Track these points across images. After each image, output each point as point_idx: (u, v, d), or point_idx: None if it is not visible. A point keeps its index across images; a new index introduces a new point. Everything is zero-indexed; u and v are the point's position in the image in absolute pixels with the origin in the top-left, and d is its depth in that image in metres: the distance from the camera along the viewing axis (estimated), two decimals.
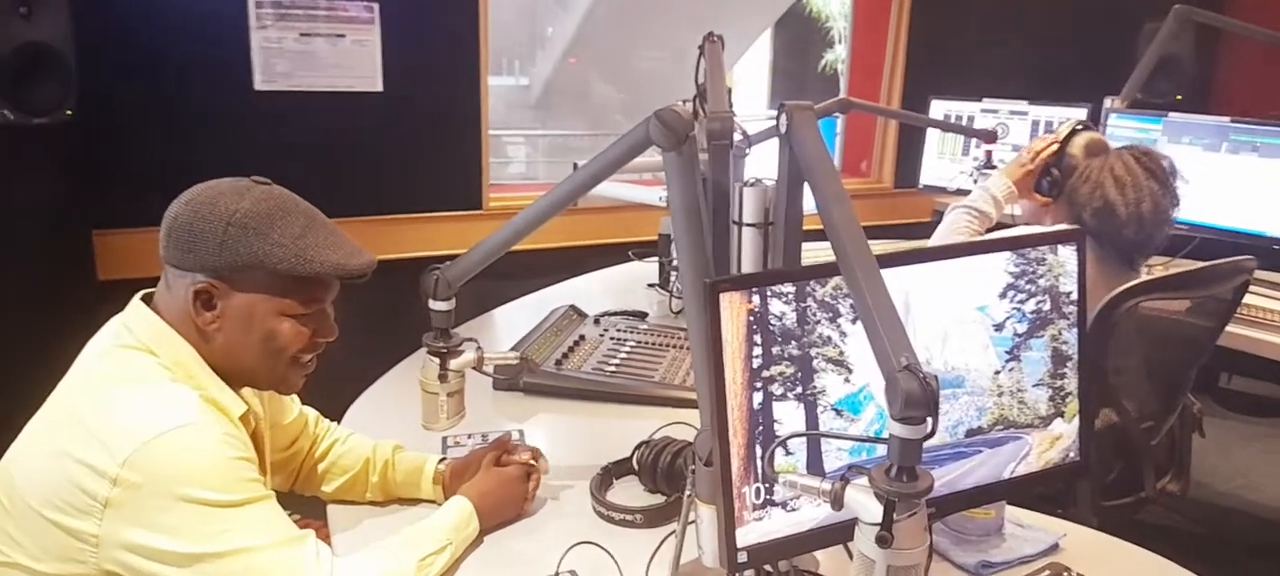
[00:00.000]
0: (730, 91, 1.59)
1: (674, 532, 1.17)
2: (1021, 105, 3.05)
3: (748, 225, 1.11)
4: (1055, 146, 2.08)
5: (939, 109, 3.25)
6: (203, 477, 1.01)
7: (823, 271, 1.05)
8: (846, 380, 1.08)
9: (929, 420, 0.79)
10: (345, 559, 1.12)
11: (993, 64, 3.63)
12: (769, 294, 1.03)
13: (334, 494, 1.42)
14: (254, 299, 1.12)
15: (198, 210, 1.10)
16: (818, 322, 1.06)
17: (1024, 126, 3.03)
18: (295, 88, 2.75)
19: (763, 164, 1.14)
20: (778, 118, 1.05)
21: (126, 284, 1.20)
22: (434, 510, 1.30)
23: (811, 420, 1.06)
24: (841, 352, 1.07)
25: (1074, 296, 1.23)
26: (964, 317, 1.17)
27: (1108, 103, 2.90)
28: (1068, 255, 1.22)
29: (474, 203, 3.08)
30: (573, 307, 2.18)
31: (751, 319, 1.02)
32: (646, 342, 2.01)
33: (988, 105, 3.12)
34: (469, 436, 1.58)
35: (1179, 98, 3.28)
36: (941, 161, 3.22)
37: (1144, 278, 1.87)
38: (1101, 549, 1.34)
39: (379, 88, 2.86)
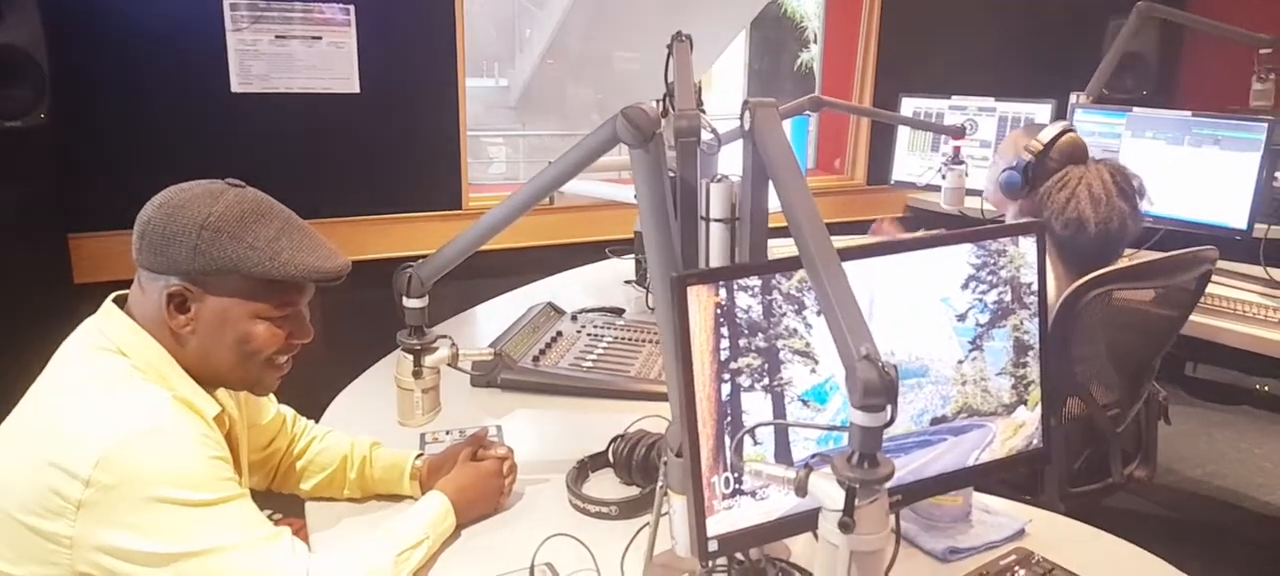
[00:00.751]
0: (699, 90, 1.62)
1: (648, 524, 1.19)
2: (989, 102, 3.11)
3: (715, 221, 1.13)
4: None
5: (909, 106, 3.30)
6: (176, 477, 1.02)
7: (788, 265, 1.07)
8: (813, 371, 1.11)
9: (888, 408, 0.82)
10: (321, 555, 1.13)
11: (961, 61, 3.68)
12: (735, 287, 1.05)
13: (312, 491, 1.43)
14: (228, 302, 1.13)
15: (171, 214, 1.11)
16: (784, 315, 1.08)
17: (991, 122, 3.08)
18: (272, 89, 2.75)
19: (735, 161, 1.16)
20: (742, 116, 1.08)
21: (102, 287, 1.20)
22: (411, 505, 1.31)
23: (779, 410, 1.09)
24: (807, 344, 1.10)
25: (1034, 287, 1.26)
26: (927, 309, 1.20)
27: (1073, 99, 2.95)
28: (1027, 247, 1.25)
29: (454, 203, 3.09)
30: (550, 305, 2.20)
31: (719, 312, 1.04)
32: (623, 338, 2.03)
33: (956, 102, 3.18)
34: (447, 432, 1.60)
35: (1144, 93, 3.35)
36: (912, 157, 3.26)
37: (1108, 269, 1.91)
38: (1067, 533, 1.38)
39: (356, 89, 2.86)
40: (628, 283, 2.57)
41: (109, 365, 1.10)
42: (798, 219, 0.93)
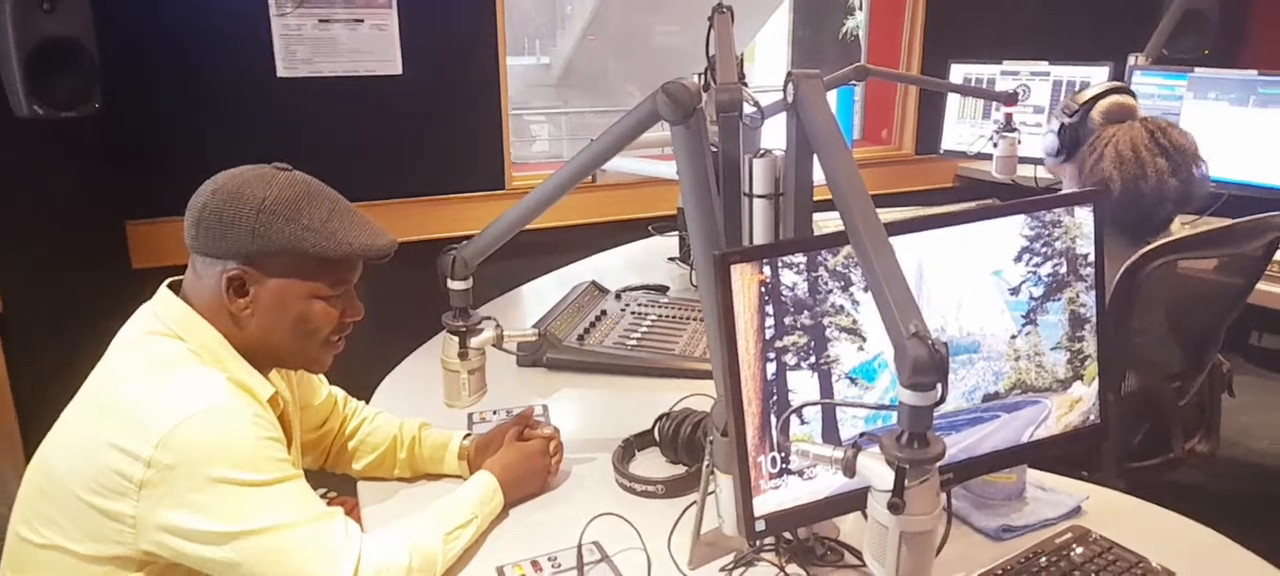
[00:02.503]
0: (741, 62, 1.60)
1: (695, 503, 1.19)
2: (1042, 66, 3.01)
3: (758, 197, 1.11)
4: None
5: (959, 72, 3.21)
6: (233, 458, 1.04)
7: (833, 241, 1.05)
8: (860, 348, 1.09)
9: (939, 386, 0.80)
10: (373, 533, 1.15)
11: (1012, 25, 3.57)
12: (780, 265, 1.04)
13: (364, 471, 1.45)
14: (286, 283, 1.15)
15: (226, 199, 1.12)
16: (830, 292, 1.06)
17: (1045, 87, 2.99)
18: (316, 73, 2.77)
19: (778, 135, 1.14)
20: (785, 88, 1.06)
21: (159, 272, 1.23)
22: (459, 485, 1.33)
23: (826, 389, 1.07)
24: (854, 321, 1.08)
25: (1091, 258, 1.22)
26: (979, 283, 1.17)
27: (1131, 60, 2.85)
28: (1084, 217, 1.21)
29: (496, 182, 3.10)
30: (594, 283, 2.19)
31: (763, 290, 1.03)
32: (667, 316, 2.02)
33: (1008, 67, 3.08)
34: (494, 412, 1.61)
35: (1206, 52, 3.22)
36: (962, 125, 3.18)
37: (1168, 238, 1.85)
38: (1125, 510, 1.34)
39: (398, 71, 2.87)
40: (671, 260, 2.55)
41: (166, 349, 1.12)
42: (843, 193, 0.91)
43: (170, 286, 1.19)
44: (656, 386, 1.72)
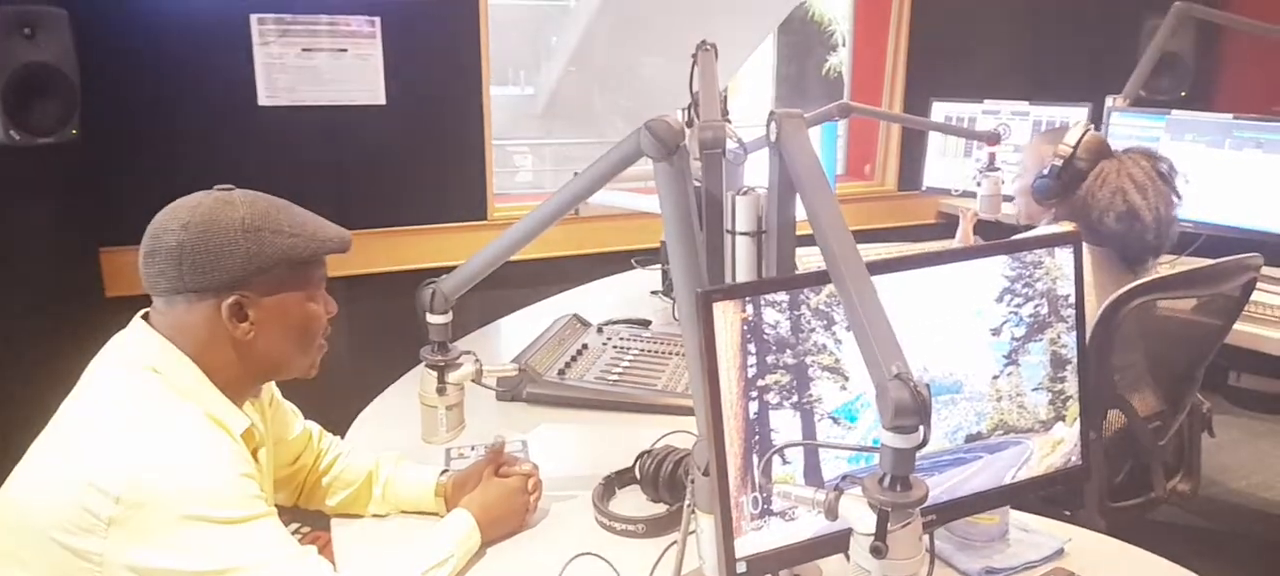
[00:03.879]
0: (725, 98, 1.60)
1: (675, 543, 1.17)
2: (1022, 106, 3.04)
3: (741, 234, 1.11)
4: None
5: (940, 110, 3.24)
6: (205, 496, 1.02)
7: (816, 280, 1.05)
8: (843, 387, 1.08)
9: (921, 429, 0.79)
10: (346, 573, 1.12)
11: (993, 65, 3.62)
12: (762, 303, 1.03)
13: (337, 508, 1.43)
14: (284, 295, 1.16)
15: (204, 230, 1.11)
16: (812, 330, 1.06)
17: (1026, 126, 3.02)
18: (299, 103, 2.76)
19: (761, 171, 1.14)
20: (767, 126, 1.06)
21: (133, 301, 1.21)
22: (437, 523, 1.30)
23: (808, 429, 1.06)
24: (837, 360, 1.07)
25: (1072, 299, 1.23)
26: (960, 323, 1.16)
27: (1109, 101, 2.89)
28: (1064, 258, 1.21)
29: (479, 213, 3.09)
30: (576, 317, 2.18)
31: (745, 328, 1.02)
32: (649, 350, 2.01)
33: (989, 106, 3.11)
34: (472, 448, 1.58)
35: (1183, 94, 3.27)
36: (944, 162, 3.21)
37: (1148, 278, 1.86)
38: (1107, 553, 1.34)
39: (382, 100, 2.87)
40: (654, 293, 2.54)
41: (141, 383, 1.10)
42: (825, 233, 0.90)
43: (144, 317, 1.17)
44: (638, 421, 1.71)
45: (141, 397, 1.09)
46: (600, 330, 2.13)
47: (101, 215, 2.54)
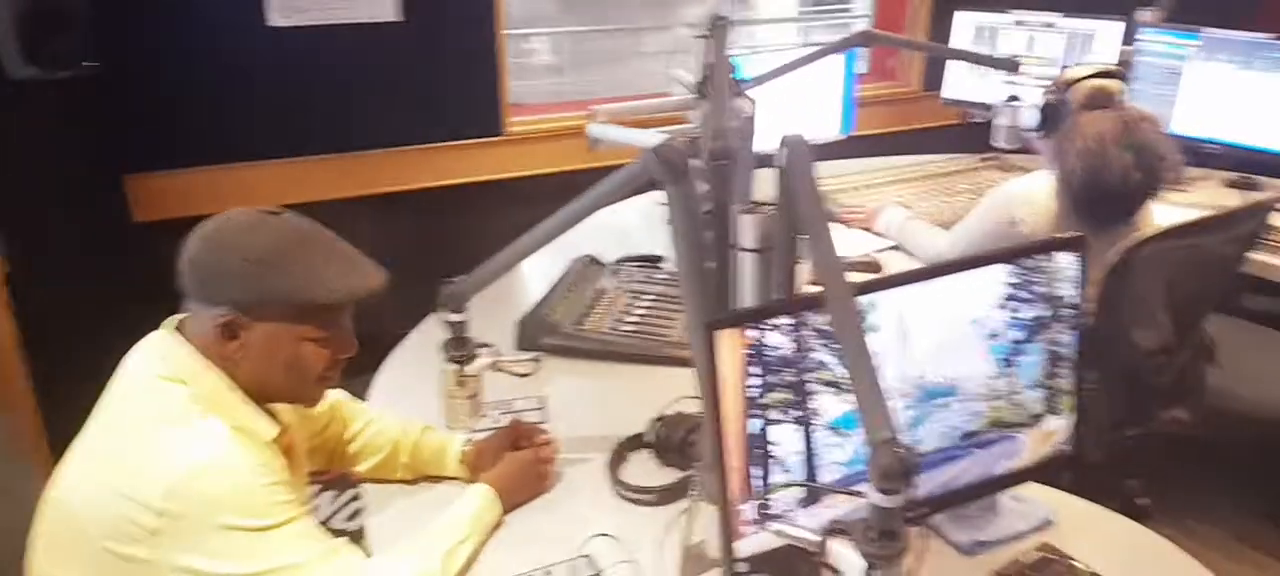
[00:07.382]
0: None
1: (685, 513, 1.25)
2: (1053, 17, 2.93)
3: (747, 250, 1.14)
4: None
5: (965, 21, 3.12)
6: (238, 505, 1.10)
7: (819, 302, 1.08)
8: (840, 397, 1.13)
9: (906, 491, 0.84)
10: (375, 562, 1.22)
11: None
12: (766, 327, 1.07)
13: (367, 473, 1.52)
14: (275, 328, 1.17)
15: (214, 249, 1.15)
16: (812, 349, 1.10)
17: (1057, 40, 2.91)
18: (309, 23, 2.72)
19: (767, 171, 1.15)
20: (777, 150, 1.06)
21: (160, 225, 1.23)
22: (460, 493, 1.38)
23: (808, 440, 1.12)
24: (836, 375, 1.12)
25: (1070, 300, 1.25)
26: (960, 331, 1.20)
27: (1137, 16, 2.78)
28: (1066, 261, 1.23)
29: (493, 128, 3.08)
30: (590, 258, 2.21)
31: (749, 352, 1.06)
32: (664, 295, 2.05)
33: (1019, 17, 3.00)
34: (494, 408, 1.65)
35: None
36: (970, 75, 3.12)
37: (1151, 230, 1.88)
38: (1093, 522, 1.40)
39: (392, 17, 2.82)
40: (670, 223, 2.53)
41: (169, 396, 1.15)
42: (824, 283, 0.93)
43: (175, 325, 1.22)
44: (653, 374, 1.77)
45: (171, 412, 1.14)
46: (614, 272, 2.16)
47: (123, 143, 2.57)
